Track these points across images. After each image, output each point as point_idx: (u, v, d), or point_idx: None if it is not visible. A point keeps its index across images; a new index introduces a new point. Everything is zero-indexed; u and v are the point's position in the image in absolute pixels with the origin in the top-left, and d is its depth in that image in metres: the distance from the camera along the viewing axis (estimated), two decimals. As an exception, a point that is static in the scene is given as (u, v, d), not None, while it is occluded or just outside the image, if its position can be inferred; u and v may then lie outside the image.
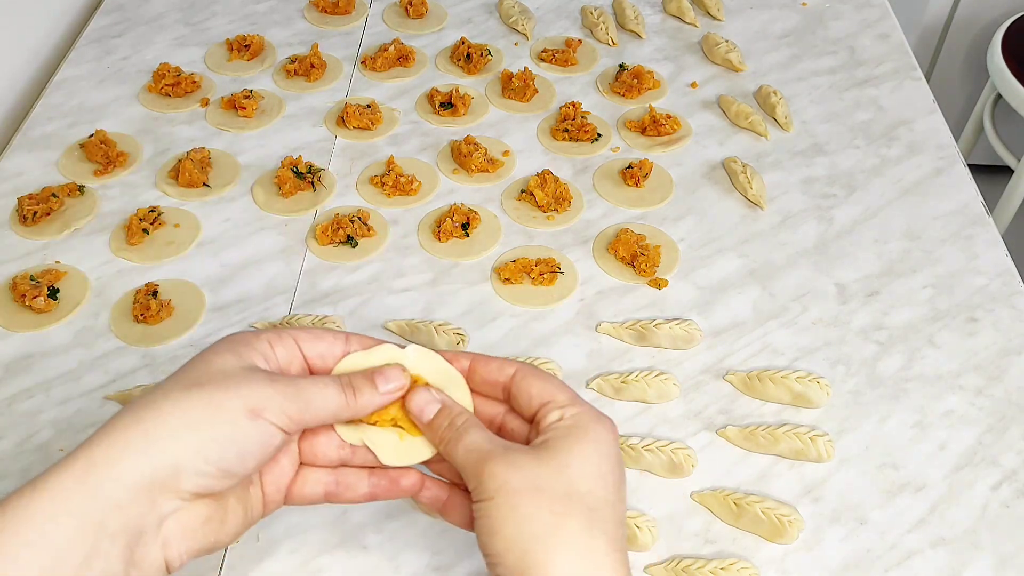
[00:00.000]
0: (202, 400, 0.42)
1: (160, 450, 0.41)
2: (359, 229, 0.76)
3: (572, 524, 0.42)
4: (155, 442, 0.41)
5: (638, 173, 0.81)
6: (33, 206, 0.77)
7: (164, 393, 0.42)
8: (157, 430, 0.41)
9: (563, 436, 0.45)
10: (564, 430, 0.45)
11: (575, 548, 0.42)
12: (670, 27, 1.02)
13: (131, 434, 0.41)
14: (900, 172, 0.84)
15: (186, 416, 0.42)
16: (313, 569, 0.56)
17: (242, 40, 0.96)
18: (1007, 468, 0.62)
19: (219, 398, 0.42)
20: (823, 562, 0.57)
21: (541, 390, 0.47)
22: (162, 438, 0.41)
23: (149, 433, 0.41)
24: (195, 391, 0.42)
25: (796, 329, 0.71)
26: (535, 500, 0.42)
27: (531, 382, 0.48)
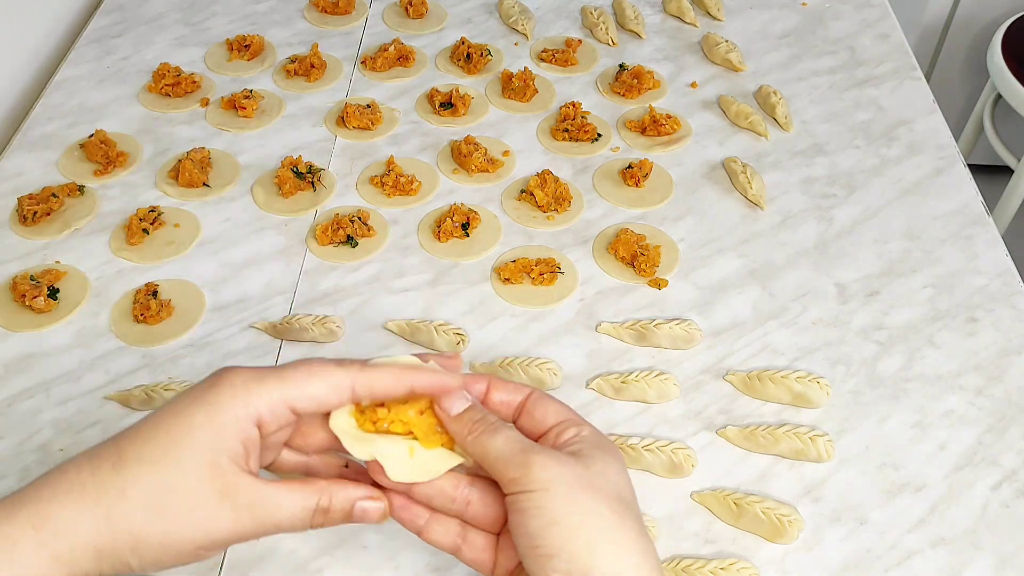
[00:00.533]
0: (159, 536, 0.42)
1: (107, 563, 0.42)
2: (359, 229, 0.76)
3: (631, 524, 0.44)
4: (102, 558, 0.42)
5: (638, 173, 0.81)
6: (33, 206, 0.77)
7: (126, 508, 0.42)
8: (110, 553, 0.42)
9: (592, 448, 0.46)
10: (590, 443, 0.46)
11: (637, 548, 0.43)
12: (670, 27, 1.02)
13: (89, 550, 0.41)
14: (900, 172, 0.84)
15: (138, 546, 0.42)
16: (313, 569, 0.56)
17: (242, 40, 0.96)
18: (1007, 468, 0.62)
19: (174, 537, 0.42)
20: (823, 562, 0.57)
21: (557, 410, 0.48)
22: (109, 559, 0.42)
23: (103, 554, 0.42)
24: (156, 522, 0.42)
25: (796, 329, 0.71)
26: (594, 496, 0.43)
27: (547, 402, 0.48)
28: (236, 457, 0.43)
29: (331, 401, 0.45)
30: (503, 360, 0.67)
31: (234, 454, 0.43)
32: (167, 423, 0.43)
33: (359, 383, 0.45)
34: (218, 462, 0.42)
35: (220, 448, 0.42)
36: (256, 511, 0.43)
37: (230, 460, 0.42)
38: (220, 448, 0.42)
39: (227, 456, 0.42)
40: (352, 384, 0.45)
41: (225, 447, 0.42)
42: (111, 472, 0.42)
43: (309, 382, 0.44)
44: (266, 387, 0.43)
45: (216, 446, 0.42)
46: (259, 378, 0.43)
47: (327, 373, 0.44)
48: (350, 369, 0.45)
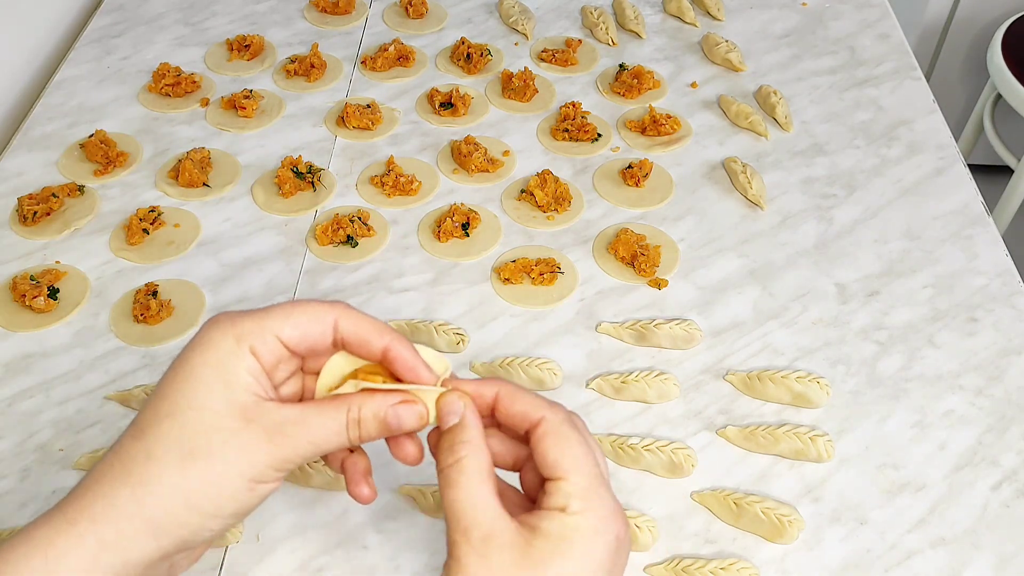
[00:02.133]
0: (202, 480, 0.41)
1: (167, 534, 0.41)
2: (359, 229, 0.76)
3: None
4: (162, 528, 0.41)
5: (638, 173, 0.81)
6: (33, 206, 0.77)
7: (160, 468, 0.41)
8: (163, 517, 0.41)
9: (556, 541, 0.41)
10: (559, 532, 0.41)
11: None
12: (670, 27, 1.02)
13: (137, 520, 0.40)
14: (900, 172, 0.84)
15: (189, 500, 0.41)
16: (313, 569, 0.56)
17: (242, 40, 0.96)
18: (1007, 468, 0.62)
19: (220, 476, 0.41)
20: (823, 562, 0.57)
21: (559, 460, 0.43)
22: (169, 524, 0.41)
23: (155, 520, 0.41)
24: (193, 468, 0.41)
25: (796, 329, 0.71)
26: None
27: (551, 448, 0.43)
28: (248, 387, 0.42)
29: (315, 332, 0.44)
30: (503, 360, 0.67)
31: (245, 384, 0.42)
32: (170, 380, 0.43)
33: (343, 319, 0.44)
34: (233, 395, 0.42)
35: (229, 382, 0.42)
36: (288, 431, 0.42)
37: (244, 390, 0.42)
38: (229, 382, 0.42)
39: (239, 388, 0.42)
40: (336, 318, 0.44)
41: (233, 380, 0.42)
42: (131, 442, 0.42)
43: (292, 312, 0.44)
44: (251, 318, 0.43)
45: (225, 381, 0.42)
46: (244, 314, 0.44)
47: (311, 306, 0.44)
48: (335, 306, 0.45)
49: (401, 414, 0.44)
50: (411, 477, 0.61)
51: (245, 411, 0.42)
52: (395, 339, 0.44)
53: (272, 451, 0.42)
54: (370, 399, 0.44)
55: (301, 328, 0.44)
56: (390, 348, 0.44)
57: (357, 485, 0.47)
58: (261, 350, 0.43)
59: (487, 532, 0.41)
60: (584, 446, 0.44)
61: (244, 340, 0.43)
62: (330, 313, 0.44)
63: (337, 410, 0.44)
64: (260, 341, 0.43)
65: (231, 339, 0.43)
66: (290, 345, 0.44)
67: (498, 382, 0.46)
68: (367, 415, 0.44)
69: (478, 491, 0.43)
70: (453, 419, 0.44)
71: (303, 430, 0.43)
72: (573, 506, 0.42)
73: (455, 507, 0.42)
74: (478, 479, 0.43)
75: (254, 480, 0.42)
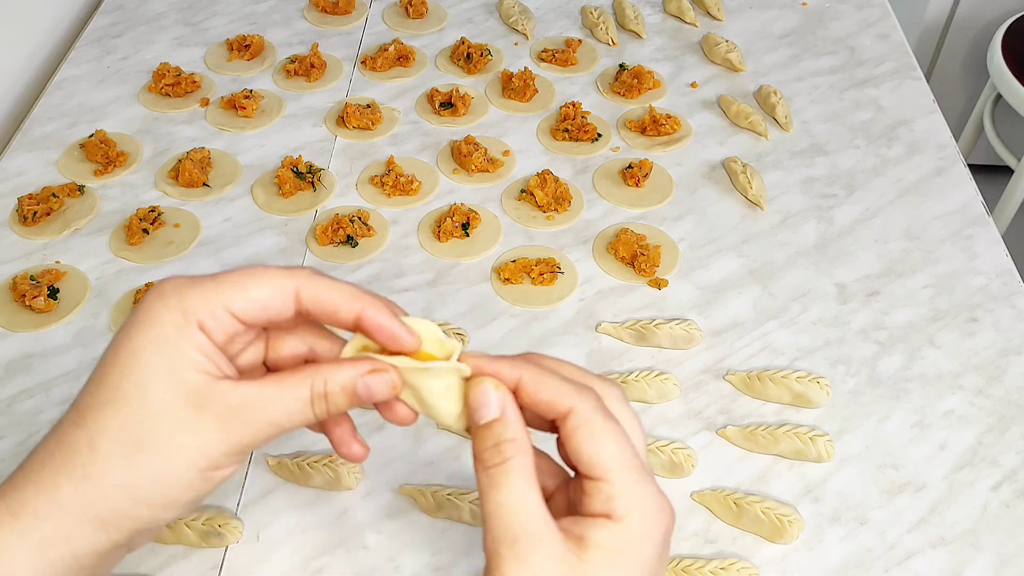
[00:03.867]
0: (150, 474, 0.38)
1: (117, 527, 0.39)
2: (359, 229, 0.76)
3: None
4: (110, 523, 0.38)
5: (638, 173, 0.81)
6: (33, 206, 0.77)
7: (104, 461, 0.38)
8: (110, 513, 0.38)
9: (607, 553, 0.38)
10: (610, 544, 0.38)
11: None
12: (670, 27, 1.02)
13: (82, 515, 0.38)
14: (900, 172, 0.84)
15: (137, 495, 0.38)
16: (313, 569, 0.56)
17: (242, 40, 0.96)
18: (1007, 468, 0.62)
19: (169, 469, 0.38)
20: (823, 562, 0.57)
21: (594, 458, 0.38)
22: (118, 519, 0.38)
23: (102, 516, 0.38)
24: (140, 461, 0.38)
25: (796, 329, 0.71)
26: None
27: (583, 444, 0.39)
28: (198, 366, 0.38)
29: (273, 305, 0.39)
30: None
31: (194, 364, 0.38)
32: (111, 360, 0.39)
33: (305, 288, 0.40)
34: (181, 377, 0.38)
35: (176, 363, 0.38)
36: (244, 413, 0.39)
37: (193, 371, 0.38)
38: (176, 363, 0.38)
39: (188, 368, 0.38)
40: (297, 287, 0.40)
41: (181, 361, 0.38)
42: (73, 430, 0.38)
43: (248, 284, 0.39)
44: (200, 290, 0.39)
45: (171, 362, 0.38)
46: (192, 283, 0.39)
47: (268, 276, 0.40)
48: (297, 274, 0.40)
49: (371, 384, 0.40)
50: (411, 477, 0.61)
51: (195, 395, 0.38)
52: (369, 304, 0.40)
53: (227, 439, 0.38)
54: (337, 369, 0.40)
55: (257, 301, 0.39)
56: (363, 316, 0.40)
57: (346, 445, 0.44)
58: (211, 326, 0.38)
59: (535, 543, 0.37)
60: (620, 437, 0.39)
61: (191, 315, 0.38)
62: (290, 281, 0.40)
63: (300, 385, 0.39)
64: (210, 316, 0.38)
65: (177, 314, 0.38)
66: (245, 319, 0.39)
67: (520, 363, 0.40)
68: (334, 388, 0.40)
69: (528, 496, 0.38)
70: (490, 412, 0.39)
71: (261, 411, 0.39)
72: (618, 510, 0.38)
73: (500, 512, 0.38)
74: (526, 483, 0.38)
75: (208, 469, 0.39)
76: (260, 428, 0.39)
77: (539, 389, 0.40)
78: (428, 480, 0.60)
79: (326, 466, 0.60)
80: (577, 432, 0.39)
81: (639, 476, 0.39)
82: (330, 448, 0.61)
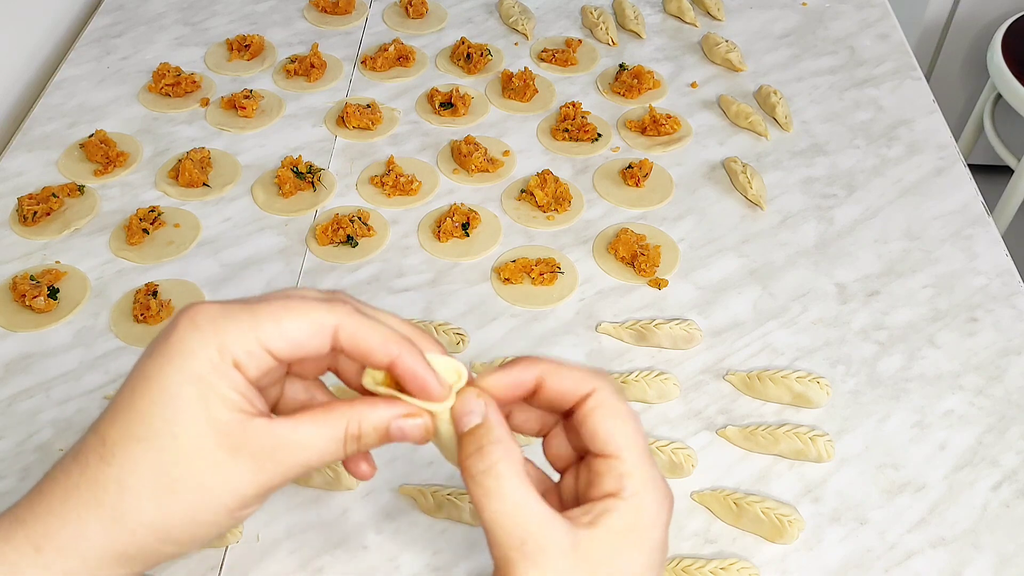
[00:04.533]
0: (182, 514, 0.37)
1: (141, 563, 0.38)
2: (359, 229, 0.76)
3: None
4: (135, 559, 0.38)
5: (638, 173, 0.81)
6: (33, 206, 0.77)
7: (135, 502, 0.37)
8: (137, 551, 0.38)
9: (618, 536, 0.38)
10: (620, 526, 0.38)
11: None
12: (670, 27, 1.02)
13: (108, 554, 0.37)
14: (900, 172, 0.84)
15: (166, 536, 0.38)
16: (313, 569, 0.56)
17: (242, 40, 0.96)
18: (1007, 468, 0.62)
19: (201, 509, 0.38)
20: (823, 562, 0.57)
21: (611, 435, 0.39)
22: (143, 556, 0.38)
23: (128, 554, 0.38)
24: (171, 502, 0.37)
25: (796, 329, 0.71)
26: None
27: (601, 422, 0.39)
28: (233, 404, 0.37)
29: (312, 345, 0.38)
30: (503, 360, 0.67)
31: (229, 402, 0.37)
32: (141, 389, 0.37)
33: (344, 328, 0.39)
34: (215, 416, 0.37)
35: (210, 401, 0.37)
36: (278, 455, 0.38)
37: (228, 409, 0.37)
38: (210, 401, 0.37)
39: (222, 407, 0.37)
40: (336, 326, 0.38)
41: (215, 399, 0.37)
42: (100, 465, 0.37)
43: (285, 319, 0.38)
44: (236, 324, 0.37)
45: (205, 401, 0.37)
46: (227, 314, 0.38)
47: (307, 309, 0.38)
48: (336, 309, 0.39)
49: (406, 428, 0.40)
50: (411, 477, 0.61)
51: (229, 436, 0.37)
52: (404, 351, 0.39)
53: (259, 480, 0.38)
54: (371, 411, 0.40)
55: (295, 340, 0.38)
56: (398, 363, 0.39)
57: (354, 463, 0.43)
58: (247, 363, 0.38)
59: (544, 542, 0.37)
60: (636, 421, 0.40)
61: (227, 352, 0.37)
62: (329, 319, 0.39)
63: (336, 425, 0.39)
64: (246, 354, 0.37)
65: (213, 351, 0.37)
66: (280, 356, 0.39)
67: (535, 363, 0.41)
68: (368, 429, 0.40)
69: (523, 498, 0.38)
70: (474, 419, 0.40)
71: (297, 452, 0.39)
72: (628, 488, 0.38)
73: (501, 520, 0.37)
74: (518, 483, 0.38)
75: (237, 509, 0.39)
76: (292, 468, 0.39)
77: (561, 378, 0.40)
78: (428, 480, 0.60)
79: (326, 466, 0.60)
80: (597, 411, 0.39)
81: (649, 460, 0.40)
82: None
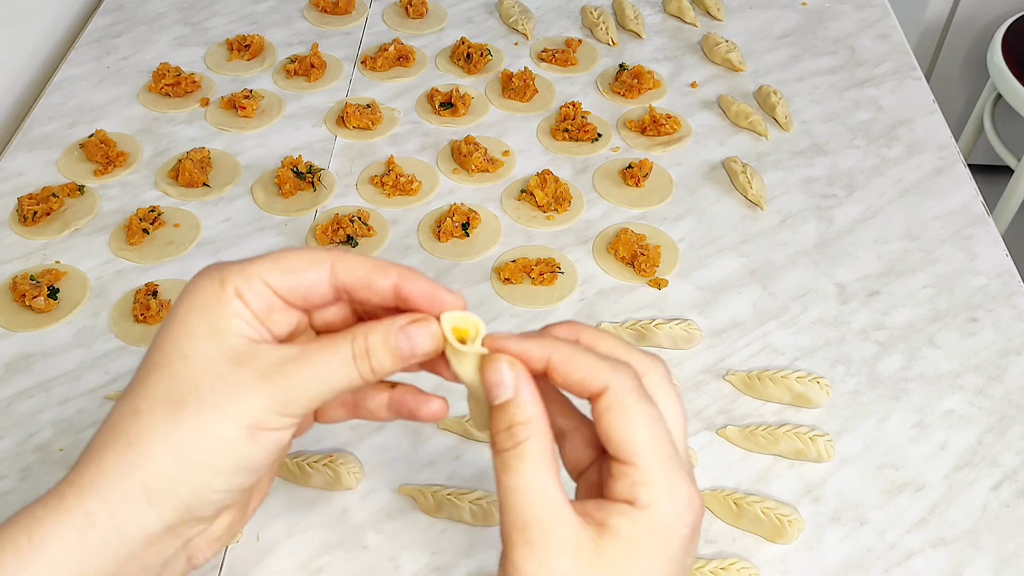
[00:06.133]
0: (193, 430, 0.37)
1: (165, 498, 0.37)
2: (359, 229, 0.76)
3: None
4: (157, 492, 0.37)
5: (638, 173, 0.81)
6: (33, 206, 0.77)
7: (148, 422, 0.37)
8: (156, 478, 0.37)
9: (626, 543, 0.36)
10: (630, 533, 0.36)
11: None
12: (670, 27, 1.02)
13: (127, 484, 0.36)
14: (900, 172, 0.84)
15: (182, 454, 0.37)
16: (313, 569, 0.56)
17: (242, 40, 0.96)
18: (1007, 468, 0.62)
19: (212, 423, 0.37)
20: (823, 562, 0.57)
21: (624, 441, 0.37)
22: (164, 486, 0.37)
23: (148, 483, 0.37)
24: (182, 417, 0.37)
25: (796, 329, 0.71)
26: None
27: (614, 425, 0.37)
28: (238, 330, 0.38)
29: (307, 278, 0.39)
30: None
31: (235, 329, 0.38)
32: (159, 333, 0.39)
33: (340, 262, 0.39)
34: (222, 338, 0.38)
35: (217, 327, 0.38)
36: (287, 369, 0.38)
37: (234, 334, 0.38)
38: (217, 327, 0.38)
39: (229, 332, 0.38)
40: (332, 262, 0.39)
41: (222, 325, 0.38)
42: (122, 402, 0.38)
43: (282, 258, 0.39)
44: (238, 264, 0.39)
45: (212, 326, 0.38)
46: (232, 262, 0.40)
47: (303, 251, 0.40)
48: (331, 250, 0.40)
49: (412, 335, 0.39)
50: (411, 477, 0.61)
51: (237, 354, 0.38)
52: (403, 272, 0.39)
53: (271, 392, 0.37)
54: (376, 324, 0.39)
55: (292, 273, 0.39)
56: (400, 284, 0.39)
57: (424, 405, 0.42)
58: (248, 295, 0.38)
59: (548, 531, 0.36)
60: (655, 421, 0.37)
61: (228, 283, 0.38)
62: (325, 257, 0.39)
63: (341, 341, 0.39)
64: (246, 285, 0.38)
65: (216, 283, 0.38)
66: (281, 292, 0.39)
67: (550, 342, 0.38)
68: (375, 343, 0.39)
69: (541, 481, 0.36)
70: (505, 392, 0.38)
71: (304, 367, 0.38)
72: (642, 498, 0.36)
73: (513, 497, 0.36)
74: (541, 466, 0.36)
75: (254, 426, 0.37)
76: (305, 383, 0.38)
77: (571, 368, 0.38)
78: (428, 480, 0.60)
79: (326, 466, 0.60)
80: (608, 413, 0.37)
81: (670, 465, 0.37)
82: (330, 448, 0.62)
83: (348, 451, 0.62)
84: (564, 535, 0.36)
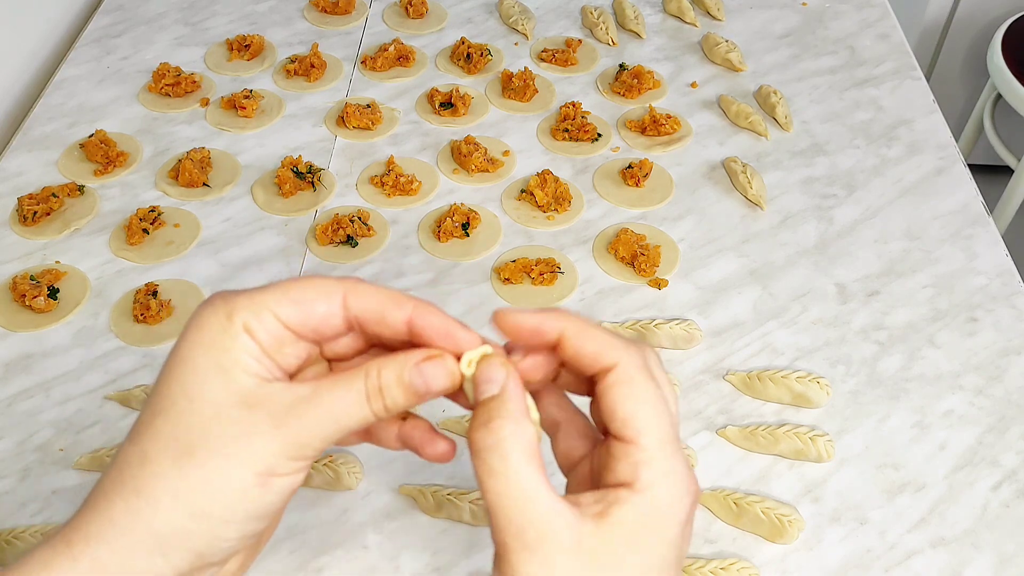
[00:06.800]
0: (202, 479, 0.35)
1: (175, 548, 0.36)
2: (359, 229, 0.76)
3: None
4: (167, 542, 0.35)
5: (638, 173, 0.81)
6: (33, 206, 0.77)
7: (156, 469, 0.35)
8: (165, 527, 0.35)
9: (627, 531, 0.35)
10: (632, 520, 0.35)
11: None
12: (670, 27, 1.02)
13: (136, 534, 0.35)
14: (900, 172, 0.84)
15: (191, 504, 0.35)
16: (313, 569, 0.56)
17: (242, 40, 0.96)
18: (1007, 468, 0.62)
19: (222, 473, 0.35)
20: (823, 562, 0.57)
21: (630, 418, 0.36)
22: (174, 536, 0.35)
23: (157, 533, 0.35)
24: (190, 467, 0.35)
25: (796, 329, 0.71)
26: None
27: (621, 401, 0.37)
28: (247, 368, 0.37)
29: (318, 309, 0.38)
30: (503, 360, 0.67)
31: (243, 366, 0.36)
32: (164, 373, 0.37)
33: (352, 294, 0.38)
34: (230, 379, 0.36)
35: (224, 366, 0.36)
36: (299, 411, 0.36)
37: (243, 373, 0.36)
38: (224, 366, 0.36)
39: (237, 371, 0.36)
40: (344, 293, 0.38)
41: (229, 363, 0.36)
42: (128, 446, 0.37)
43: (292, 288, 0.38)
44: (246, 296, 0.37)
45: (219, 364, 0.36)
46: (239, 291, 0.38)
47: (314, 281, 0.38)
48: (344, 280, 0.38)
49: (427, 372, 0.37)
50: (411, 477, 0.61)
51: (246, 396, 0.36)
52: (418, 306, 0.38)
53: (282, 437, 0.36)
54: (389, 361, 0.37)
55: (303, 305, 0.37)
56: (414, 318, 0.38)
57: (430, 445, 0.41)
58: (257, 328, 0.37)
59: (545, 532, 0.35)
60: (660, 403, 0.37)
61: (236, 317, 0.37)
62: (337, 288, 0.38)
63: (353, 378, 0.37)
64: (255, 319, 0.37)
65: (222, 317, 0.37)
66: (291, 325, 0.37)
67: (563, 316, 0.38)
68: (388, 380, 0.37)
69: (527, 480, 0.35)
70: (492, 388, 0.37)
71: (316, 407, 0.37)
72: (643, 478, 0.36)
73: (502, 503, 0.35)
74: (524, 464, 0.35)
75: (265, 473, 0.36)
76: (318, 425, 0.37)
77: (584, 340, 0.37)
78: (428, 480, 0.60)
79: (326, 466, 0.60)
80: (617, 388, 0.37)
81: (671, 449, 0.36)
82: (329, 449, 0.61)
83: (348, 451, 0.62)
84: (562, 534, 0.35)
